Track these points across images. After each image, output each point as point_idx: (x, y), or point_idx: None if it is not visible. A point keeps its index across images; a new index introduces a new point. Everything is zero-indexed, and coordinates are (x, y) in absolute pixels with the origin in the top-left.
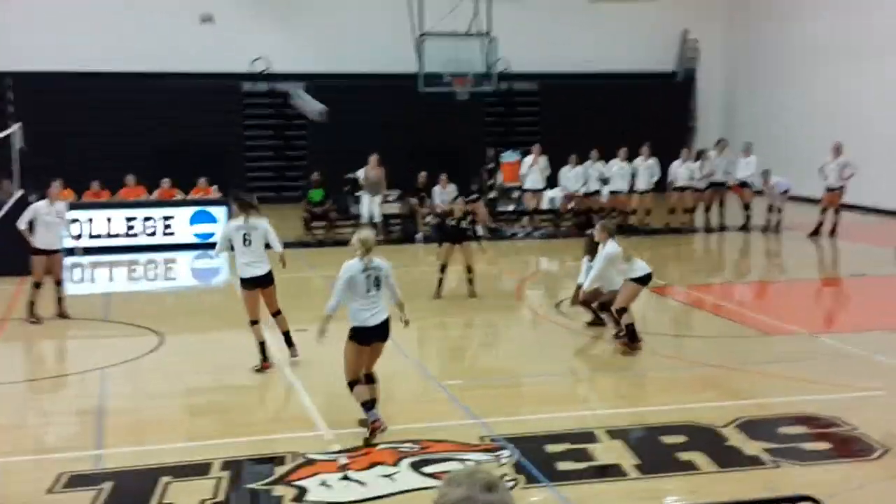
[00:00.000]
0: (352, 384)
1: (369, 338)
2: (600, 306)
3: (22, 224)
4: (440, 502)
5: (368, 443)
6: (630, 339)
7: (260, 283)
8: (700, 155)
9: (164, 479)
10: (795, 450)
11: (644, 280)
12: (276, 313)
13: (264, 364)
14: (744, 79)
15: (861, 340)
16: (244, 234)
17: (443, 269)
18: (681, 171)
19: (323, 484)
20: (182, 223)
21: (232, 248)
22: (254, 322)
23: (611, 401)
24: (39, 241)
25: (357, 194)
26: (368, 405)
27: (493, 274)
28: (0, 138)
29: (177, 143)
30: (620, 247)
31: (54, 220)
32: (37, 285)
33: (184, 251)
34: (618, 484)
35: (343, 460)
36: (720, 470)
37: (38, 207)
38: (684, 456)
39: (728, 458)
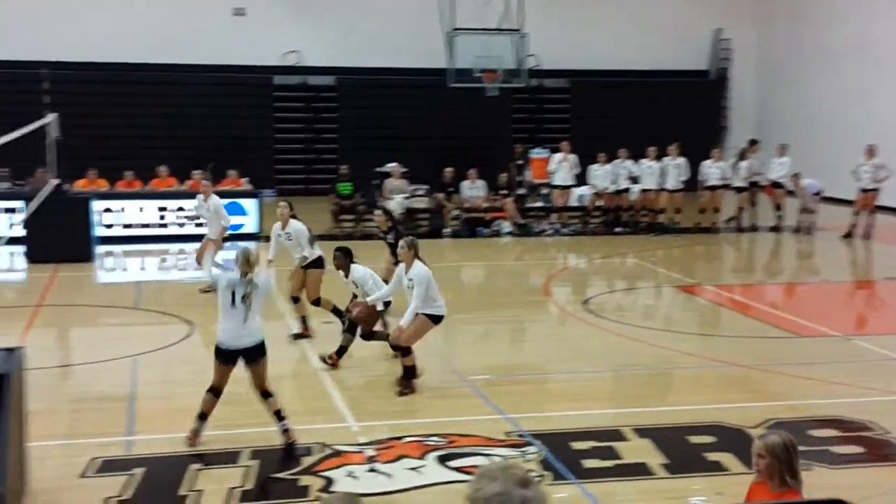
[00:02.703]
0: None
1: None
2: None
3: None
4: (475, 496)
5: (396, 436)
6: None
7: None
8: (742, 155)
9: (194, 466)
10: (826, 453)
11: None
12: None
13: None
14: (776, 79)
15: (894, 344)
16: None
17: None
18: (712, 171)
19: (350, 475)
20: None
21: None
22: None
23: (638, 399)
24: None
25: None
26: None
27: (520, 270)
28: (36, 128)
29: (208, 134)
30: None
31: None
32: None
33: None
34: (644, 483)
35: (370, 452)
36: (749, 471)
37: None
38: (712, 456)
39: None
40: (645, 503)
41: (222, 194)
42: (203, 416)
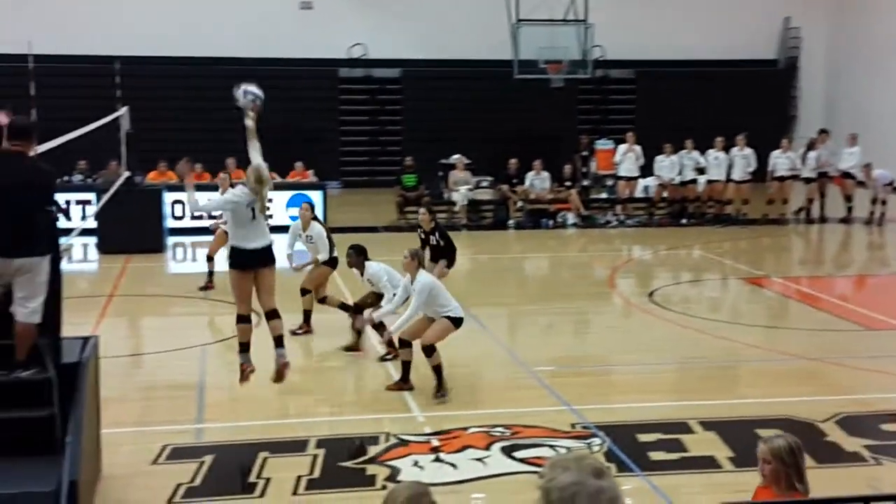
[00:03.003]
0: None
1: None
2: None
3: None
4: (548, 486)
5: (461, 427)
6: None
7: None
8: (812, 145)
9: (263, 454)
10: None
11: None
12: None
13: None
14: (847, 68)
15: None
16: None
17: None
18: (780, 161)
19: (415, 464)
20: (279, 206)
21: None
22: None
23: (705, 391)
24: None
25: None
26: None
27: (584, 262)
28: (109, 121)
29: (274, 127)
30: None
31: None
32: None
33: (280, 233)
34: (711, 476)
35: (435, 442)
36: (818, 466)
37: None
38: None
39: (827, 454)
40: (711, 496)
41: (289, 186)
42: (245, 348)
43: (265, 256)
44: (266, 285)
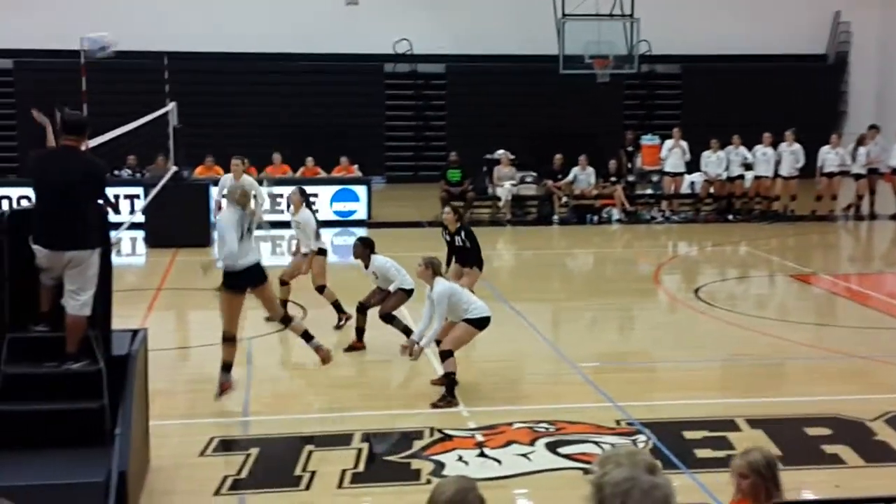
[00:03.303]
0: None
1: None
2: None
3: None
4: (602, 481)
5: (505, 422)
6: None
7: None
8: (861, 141)
9: (308, 447)
10: None
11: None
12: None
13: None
14: None
15: None
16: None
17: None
18: (830, 157)
19: (460, 459)
20: (324, 201)
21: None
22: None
23: (751, 389)
24: None
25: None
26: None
27: (629, 258)
28: (158, 117)
29: (320, 122)
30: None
31: None
32: None
33: (326, 228)
34: None
35: (479, 437)
36: (867, 465)
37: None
38: (829, 449)
39: (876, 453)
40: None
41: (334, 181)
42: (228, 367)
43: (257, 274)
44: (266, 299)
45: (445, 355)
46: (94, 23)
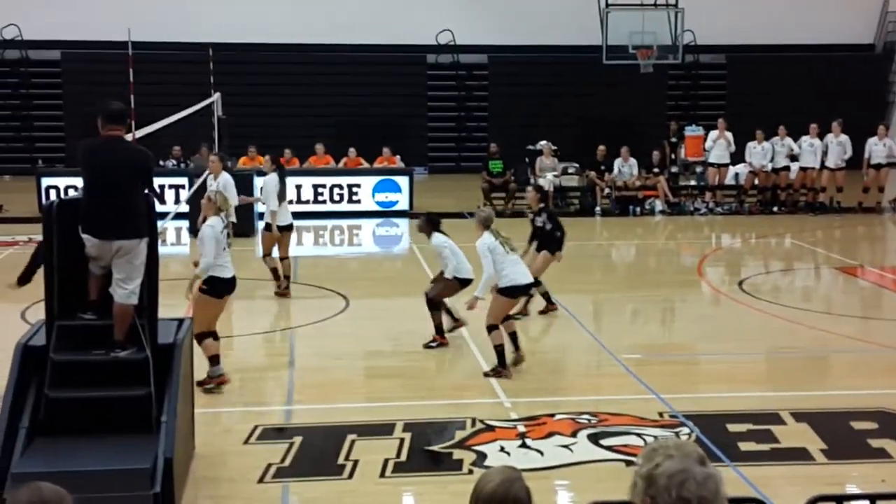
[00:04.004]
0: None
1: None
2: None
3: None
4: (654, 473)
5: (547, 414)
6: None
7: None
8: None
9: (351, 436)
10: None
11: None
12: None
13: None
14: None
15: None
16: None
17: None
18: (877, 148)
19: (502, 450)
20: (367, 191)
21: None
22: None
23: (796, 382)
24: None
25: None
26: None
27: (672, 249)
28: (204, 107)
29: (363, 113)
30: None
31: None
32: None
33: (368, 218)
34: (803, 468)
35: (521, 428)
36: None
37: None
38: (875, 443)
39: None
40: (803, 488)
41: (376, 172)
42: (216, 360)
43: (234, 286)
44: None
45: (490, 329)
46: (141, 14)
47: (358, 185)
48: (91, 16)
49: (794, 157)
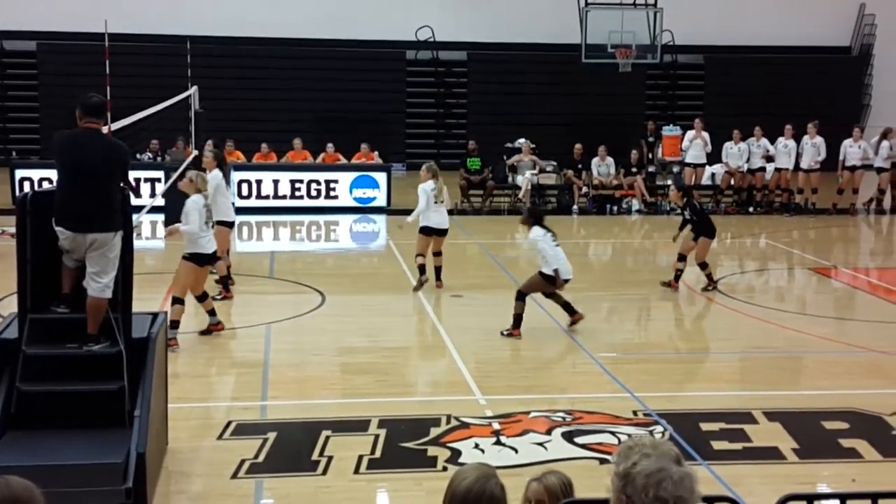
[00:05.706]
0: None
1: None
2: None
3: None
4: (630, 471)
5: (522, 411)
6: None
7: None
8: (885, 134)
9: (325, 432)
10: None
11: None
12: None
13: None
14: None
15: None
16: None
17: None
18: (852, 150)
19: (476, 447)
20: (344, 187)
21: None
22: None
23: (769, 382)
24: None
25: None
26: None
27: (648, 248)
28: (180, 101)
29: (341, 108)
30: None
31: None
32: None
33: (345, 214)
34: (775, 467)
35: (496, 426)
36: (884, 459)
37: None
38: (846, 443)
39: (893, 447)
40: (775, 487)
41: (354, 168)
42: (176, 325)
43: (216, 257)
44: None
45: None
46: (118, 6)
47: (336, 181)
48: (68, 6)
49: (769, 158)
